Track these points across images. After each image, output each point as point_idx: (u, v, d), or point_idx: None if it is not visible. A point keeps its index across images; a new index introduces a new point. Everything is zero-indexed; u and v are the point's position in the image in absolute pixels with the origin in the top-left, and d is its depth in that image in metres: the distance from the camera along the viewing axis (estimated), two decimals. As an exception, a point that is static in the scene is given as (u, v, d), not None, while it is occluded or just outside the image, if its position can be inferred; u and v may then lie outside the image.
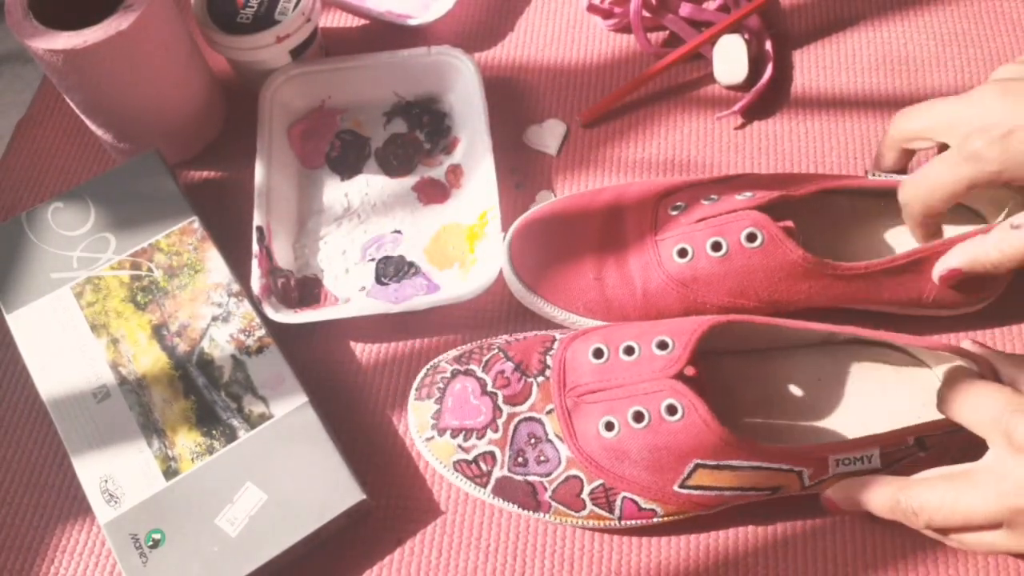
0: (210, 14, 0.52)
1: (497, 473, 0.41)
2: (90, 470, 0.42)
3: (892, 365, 0.44)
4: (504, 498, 0.41)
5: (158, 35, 0.47)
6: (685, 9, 0.55)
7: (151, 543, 0.40)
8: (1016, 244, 0.39)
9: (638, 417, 0.39)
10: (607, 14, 0.57)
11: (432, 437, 0.42)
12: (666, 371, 0.39)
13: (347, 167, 0.53)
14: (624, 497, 0.40)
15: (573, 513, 0.40)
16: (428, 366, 0.44)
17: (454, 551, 0.42)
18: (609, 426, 0.39)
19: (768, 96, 0.54)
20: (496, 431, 0.41)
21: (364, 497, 0.41)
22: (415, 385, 0.44)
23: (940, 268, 0.42)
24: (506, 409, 0.41)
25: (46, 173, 0.55)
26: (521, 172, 0.53)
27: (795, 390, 0.44)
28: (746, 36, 0.54)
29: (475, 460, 0.41)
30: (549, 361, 0.42)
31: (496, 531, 0.42)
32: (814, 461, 0.38)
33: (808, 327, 0.41)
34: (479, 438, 0.41)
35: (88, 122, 0.52)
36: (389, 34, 0.58)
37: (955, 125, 0.40)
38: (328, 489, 0.41)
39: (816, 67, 0.55)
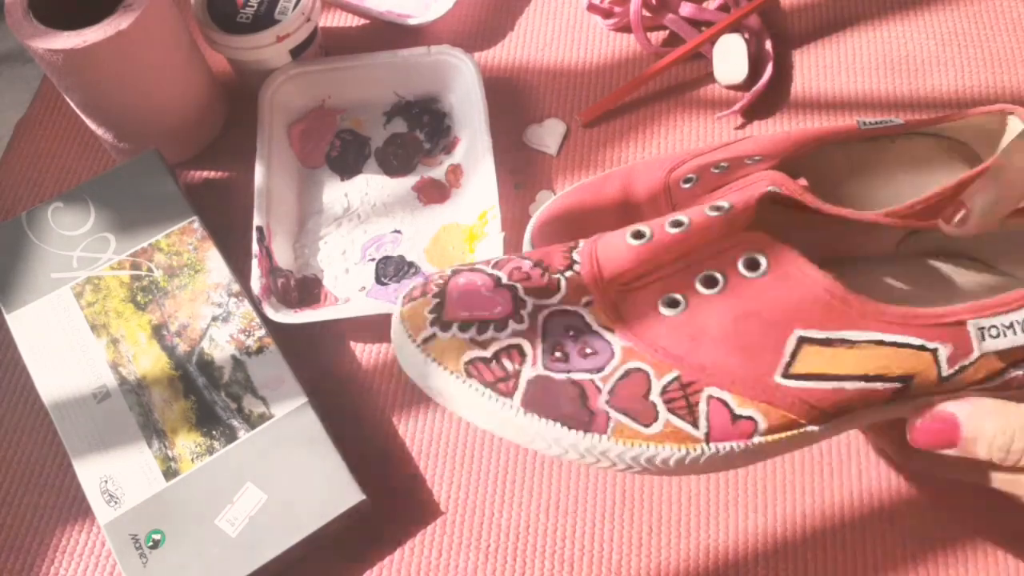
0: (210, 14, 0.52)
1: (528, 372, 0.30)
2: (90, 470, 0.42)
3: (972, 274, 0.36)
4: (541, 413, 0.29)
5: (158, 35, 0.47)
6: (685, 9, 0.55)
7: (151, 543, 0.40)
8: None
9: (709, 282, 0.30)
10: (607, 14, 0.57)
11: (433, 335, 0.31)
12: (732, 226, 0.31)
13: (347, 167, 0.53)
14: (710, 397, 0.29)
15: (642, 429, 0.29)
16: (413, 283, 0.34)
17: (454, 551, 0.42)
18: (672, 303, 0.30)
19: (768, 96, 0.54)
20: (521, 322, 0.31)
21: (364, 497, 0.41)
22: (400, 297, 0.34)
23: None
24: (531, 301, 0.31)
25: (46, 173, 0.55)
26: (521, 172, 0.53)
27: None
28: (746, 36, 0.54)
29: (496, 357, 0.30)
30: (576, 256, 0.33)
31: (496, 531, 0.42)
32: (950, 330, 0.29)
33: (886, 221, 0.34)
34: (498, 329, 0.30)
35: (88, 122, 0.52)
36: (389, 34, 0.58)
37: None
38: (328, 489, 0.41)
39: (816, 67, 0.55)
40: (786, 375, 0.29)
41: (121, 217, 0.48)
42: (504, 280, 0.32)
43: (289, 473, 0.41)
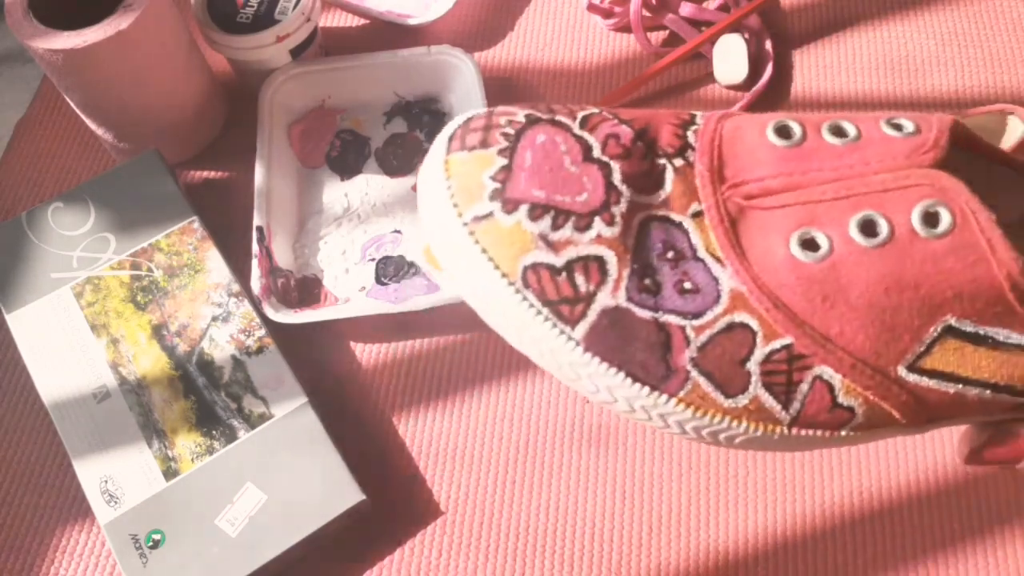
0: (210, 14, 0.52)
1: (605, 299, 0.23)
2: (90, 470, 0.42)
3: None
4: (605, 356, 0.23)
5: (158, 35, 0.47)
6: (685, 9, 0.55)
7: (151, 543, 0.40)
8: None
9: (869, 228, 0.24)
10: (607, 14, 0.57)
11: (489, 214, 0.23)
12: (917, 157, 0.24)
13: (347, 167, 0.53)
14: (818, 377, 0.24)
15: (722, 400, 0.24)
16: (471, 113, 0.26)
17: (454, 551, 0.42)
18: (811, 244, 0.24)
19: (768, 96, 0.54)
20: (611, 223, 0.23)
21: (364, 497, 0.41)
22: (449, 134, 0.25)
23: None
24: (627, 193, 0.24)
25: (46, 173, 0.55)
26: (521, 172, 0.53)
27: None
28: (746, 36, 0.54)
29: (568, 268, 0.23)
30: (691, 138, 0.26)
31: (496, 531, 0.42)
32: None
33: None
34: (579, 228, 0.23)
35: (88, 122, 0.52)
36: (389, 34, 0.58)
37: None
38: (328, 489, 0.41)
39: (816, 67, 0.55)
40: (912, 367, 0.24)
41: (121, 217, 0.48)
42: (596, 152, 0.24)
43: (289, 473, 0.41)
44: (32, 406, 0.47)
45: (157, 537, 0.40)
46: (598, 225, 0.23)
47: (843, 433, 0.25)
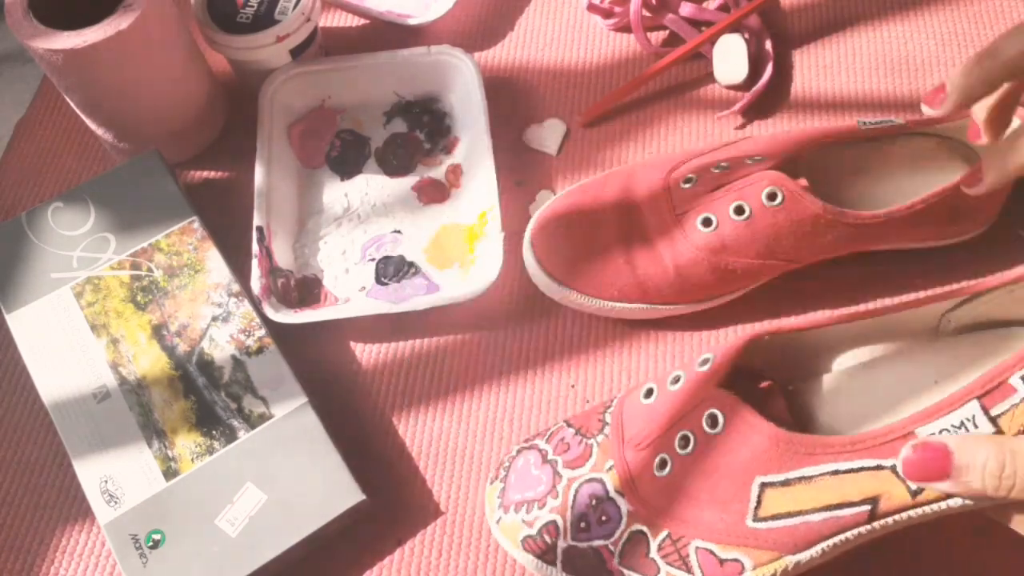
0: (210, 14, 0.52)
1: (561, 544, 0.37)
2: (90, 470, 0.42)
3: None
4: (576, 574, 0.37)
5: (158, 35, 0.47)
6: (685, 9, 0.55)
7: (151, 543, 0.40)
8: None
9: (684, 442, 0.35)
10: (607, 14, 0.57)
11: (500, 519, 0.39)
12: (707, 383, 0.35)
13: (347, 167, 0.53)
14: (697, 547, 0.34)
15: None
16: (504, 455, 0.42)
17: (454, 551, 0.42)
18: (662, 464, 0.36)
19: (768, 96, 0.54)
20: (556, 497, 0.38)
21: (364, 497, 0.41)
22: (491, 475, 0.42)
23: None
24: (565, 474, 0.38)
25: (46, 173, 0.55)
26: (521, 172, 0.53)
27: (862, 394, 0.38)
28: (746, 36, 0.54)
29: (539, 533, 0.37)
30: (608, 418, 0.39)
31: (496, 531, 0.42)
32: (903, 443, 0.31)
33: (847, 317, 0.37)
34: (540, 508, 0.38)
35: (88, 122, 0.52)
36: (389, 34, 0.58)
37: None
38: (328, 489, 0.41)
39: (816, 67, 0.55)
40: (756, 519, 0.33)
41: (121, 217, 0.48)
42: (549, 455, 0.39)
43: (289, 473, 0.41)
44: (32, 406, 0.47)
45: (157, 537, 0.40)
46: (549, 502, 0.38)
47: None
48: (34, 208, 0.49)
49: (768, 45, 0.55)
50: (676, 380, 0.37)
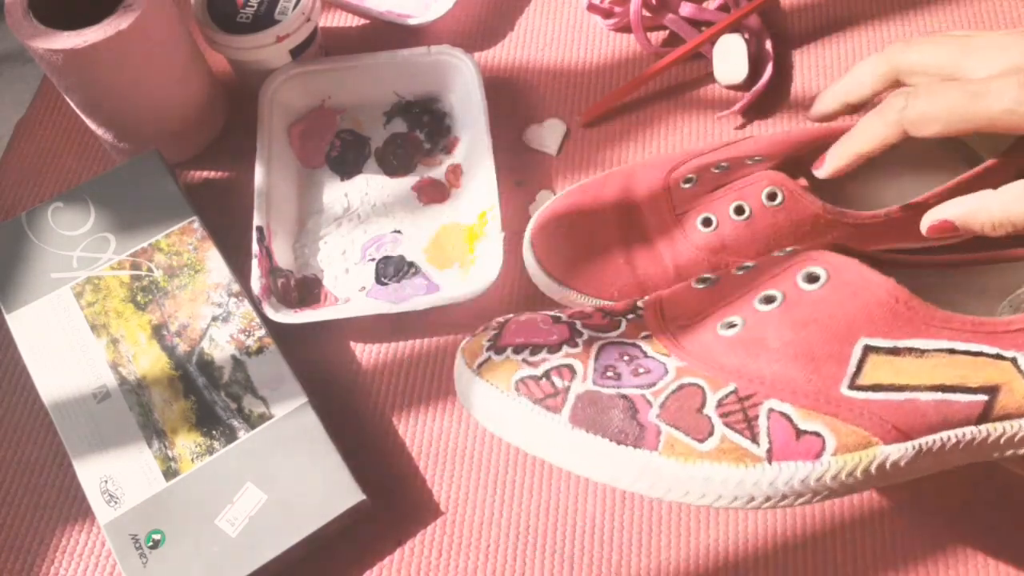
0: (210, 14, 0.52)
1: (577, 388, 0.29)
2: (90, 470, 0.42)
3: None
4: (588, 427, 0.29)
5: (158, 35, 0.47)
6: (685, 9, 0.55)
7: (151, 543, 0.40)
8: None
9: (767, 300, 0.30)
10: (607, 14, 0.57)
11: (487, 359, 0.32)
12: (804, 247, 0.31)
13: (347, 167, 0.53)
14: (771, 411, 0.28)
15: (696, 445, 0.28)
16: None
17: (454, 551, 0.42)
18: (730, 325, 0.30)
19: (768, 96, 0.54)
20: (575, 346, 0.31)
21: (364, 497, 0.41)
22: (463, 343, 0.35)
23: (931, 218, 0.35)
24: (587, 333, 0.31)
25: (46, 173, 0.55)
26: (521, 172, 0.53)
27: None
28: (746, 36, 0.54)
29: (546, 375, 0.30)
30: (639, 303, 0.33)
31: (496, 531, 0.42)
32: None
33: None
34: (551, 351, 0.30)
35: (88, 122, 0.52)
36: (389, 34, 0.58)
37: (987, 58, 0.34)
38: (328, 489, 0.41)
39: (816, 67, 0.55)
40: (853, 386, 0.28)
41: (121, 217, 0.48)
42: (564, 318, 0.32)
43: (289, 473, 0.41)
44: (32, 406, 0.47)
45: (157, 537, 0.40)
46: (566, 348, 0.30)
47: (826, 461, 0.27)
48: (34, 208, 0.49)
49: (768, 45, 0.55)
50: (745, 269, 0.32)
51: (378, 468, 0.44)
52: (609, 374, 0.29)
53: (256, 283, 0.46)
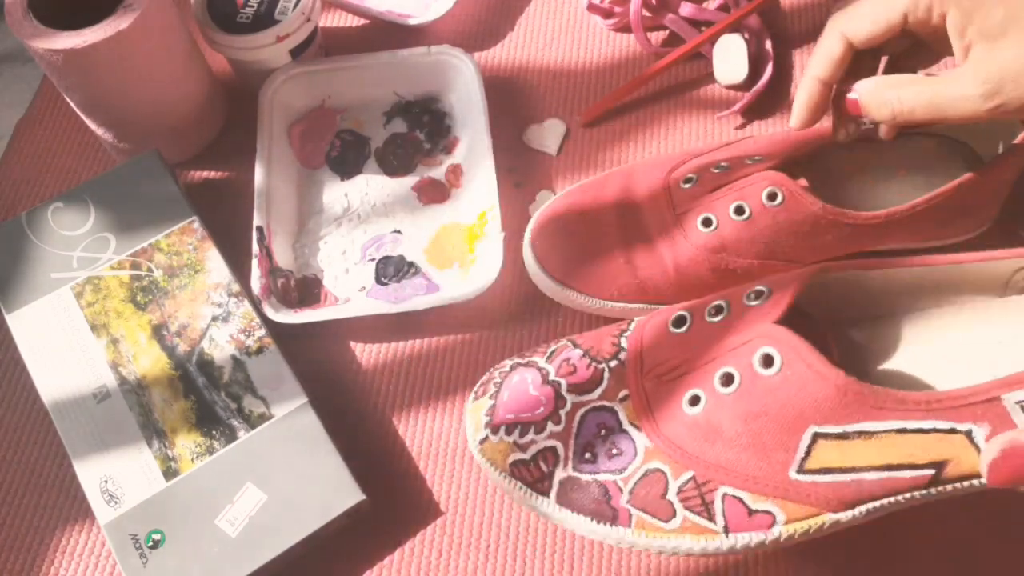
0: (210, 14, 0.52)
1: (560, 474, 0.33)
2: (90, 470, 0.42)
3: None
4: (572, 508, 0.33)
5: (158, 35, 0.47)
6: (685, 9, 0.55)
7: (151, 543, 0.40)
8: (926, 94, 0.35)
9: (726, 380, 0.31)
10: (607, 14, 0.57)
11: (486, 438, 0.35)
12: (761, 318, 0.31)
13: (347, 167, 0.53)
14: (725, 494, 0.31)
15: (662, 524, 0.32)
16: (491, 369, 0.39)
17: (454, 551, 0.42)
18: (694, 400, 0.32)
19: (768, 96, 0.54)
20: (558, 423, 0.34)
21: (364, 497, 0.41)
22: (474, 390, 0.40)
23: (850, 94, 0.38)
24: (570, 398, 0.34)
25: (46, 173, 0.55)
26: (521, 172, 0.53)
27: (923, 351, 0.35)
28: (746, 36, 0.54)
29: (534, 459, 0.33)
30: (623, 343, 0.35)
31: (496, 531, 0.42)
32: (983, 408, 0.28)
33: (919, 261, 0.35)
34: (538, 432, 0.33)
35: (88, 122, 0.52)
36: (389, 34, 0.58)
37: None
38: (328, 489, 0.41)
39: (816, 67, 0.55)
40: (801, 471, 0.30)
41: (121, 217, 0.48)
42: (552, 375, 0.35)
43: (289, 473, 0.41)
44: (32, 406, 0.47)
45: (157, 537, 0.40)
46: (550, 427, 0.33)
47: (777, 531, 0.30)
48: (34, 208, 0.49)
49: (768, 45, 0.55)
50: (718, 311, 0.33)
51: (378, 468, 0.44)
52: (587, 456, 0.33)
53: (256, 283, 0.46)
